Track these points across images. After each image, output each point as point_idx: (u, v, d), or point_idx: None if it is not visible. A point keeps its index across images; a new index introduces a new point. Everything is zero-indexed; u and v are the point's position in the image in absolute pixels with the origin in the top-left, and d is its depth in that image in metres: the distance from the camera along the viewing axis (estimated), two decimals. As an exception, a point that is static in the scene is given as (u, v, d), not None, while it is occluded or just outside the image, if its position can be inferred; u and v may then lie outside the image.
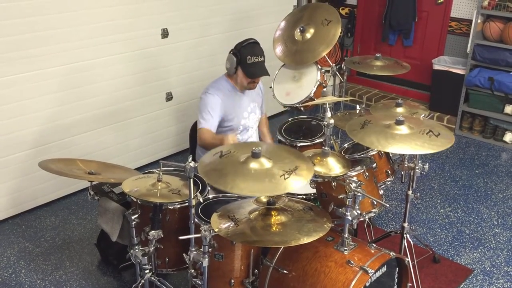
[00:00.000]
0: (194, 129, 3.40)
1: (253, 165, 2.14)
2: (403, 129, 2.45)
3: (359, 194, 2.29)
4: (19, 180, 3.64)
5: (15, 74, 3.40)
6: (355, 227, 3.08)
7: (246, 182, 2.08)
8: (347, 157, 2.72)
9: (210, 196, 2.73)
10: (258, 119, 3.34)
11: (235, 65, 3.04)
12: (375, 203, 2.62)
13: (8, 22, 3.27)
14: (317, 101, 3.16)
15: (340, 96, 3.76)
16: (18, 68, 3.40)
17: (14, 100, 3.44)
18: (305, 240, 2.14)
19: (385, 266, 2.38)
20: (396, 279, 2.54)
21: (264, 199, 2.32)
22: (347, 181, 2.34)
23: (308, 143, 3.34)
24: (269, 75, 3.14)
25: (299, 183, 2.10)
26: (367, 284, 2.24)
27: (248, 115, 3.23)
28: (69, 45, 3.60)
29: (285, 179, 2.08)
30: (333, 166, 2.45)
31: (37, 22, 3.40)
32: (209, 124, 3.06)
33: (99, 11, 3.69)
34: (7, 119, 3.45)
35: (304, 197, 2.80)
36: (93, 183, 2.75)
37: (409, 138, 2.41)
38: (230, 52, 3.07)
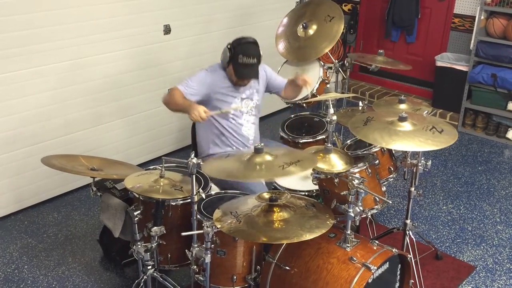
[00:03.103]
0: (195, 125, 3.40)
1: (257, 159, 2.19)
2: (406, 126, 2.45)
3: (362, 190, 2.29)
4: (22, 176, 3.65)
5: (17, 70, 3.39)
6: (357, 224, 3.09)
7: (243, 170, 2.16)
8: (349, 153, 2.72)
9: (213, 193, 2.73)
10: (256, 105, 3.20)
11: (227, 60, 2.98)
12: (378, 199, 2.61)
13: (9, 18, 3.26)
14: (319, 98, 3.16)
15: (342, 93, 3.76)
16: (20, 65, 3.39)
17: (16, 96, 3.44)
18: (308, 236, 2.14)
19: (388, 262, 2.38)
20: (399, 276, 2.54)
21: (266, 196, 2.32)
22: (350, 177, 2.34)
23: (311, 140, 3.35)
24: (257, 79, 3.06)
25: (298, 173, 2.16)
26: (370, 281, 2.24)
27: (240, 101, 3.12)
28: (71, 41, 3.59)
29: (283, 168, 2.13)
30: (336, 163, 2.45)
31: (38, 18, 3.39)
32: (185, 89, 2.98)
33: (101, 7, 3.68)
34: (9, 115, 3.45)
35: (306, 193, 2.80)
36: (96, 179, 2.75)
37: (413, 134, 2.41)
38: (226, 46, 3.01)
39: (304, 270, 2.35)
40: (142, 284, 2.60)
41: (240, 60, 2.93)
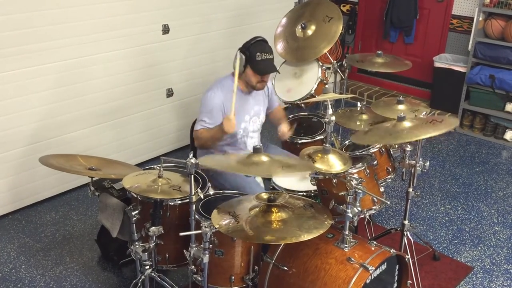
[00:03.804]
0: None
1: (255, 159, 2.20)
2: (406, 124, 2.46)
3: (360, 191, 2.29)
4: (20, 176, 3.64)
5: (15, 69, 3.39)
6: (355, 224, 3.09)
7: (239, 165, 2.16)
8: (348, 154, 2.72)
9: (211, 193, 2.73)
10: (261, 123, 3.26)
11: (244, 64, 2.94)
12: (376, 200, 2.62)
13: (7, 17, 3.26)
14: (318, 98, 3.16)
15: (341, 93, 3.76)
16: (18, 64, 3.39)
17: (14, 95, 3.44)
18: (306, 237, 2.15)
19: (386, 263, 2.38)
20: (396, 276, 2.54)
21: (264, 196, 2.32)
22: (348, 178, 2.34)
23: (309, 140, 3.35)
24: (279, 72, 3.08)
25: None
26: (368, 281, 2.25)
27: (249, 119, 3.14)
28: (70, 41, 3.59)
29: (282, 168, 2.15)
30: (334, 163, 2.45)
31: (36, 17, 3.38)
32: (205, 126, 2.98)
33: (99, 6, 3.68)
34: (8, 114, 3.44)
35: (304, 194, 2.80)
36: (94, 179, 2.75)
37: (414, 129, 2.43)
38: (238, 51, 2.97)
39: (302, 271, 2.35)
40: (140, 284, 2.60)
41: (259, 58, 2.94)
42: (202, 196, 2.61)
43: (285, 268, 2.38)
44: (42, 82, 3.54)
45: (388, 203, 2.64)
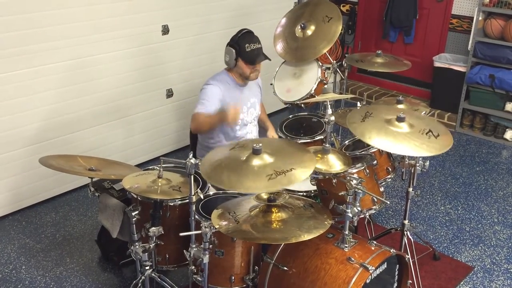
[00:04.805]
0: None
1: (254, 161, 2.16)
2: (403, 127, 2.43)
3: (360, 191, 2.29)
4: (20, 176, 3.64)
5: (16, 70, 3.39)
6: (355, 224, 3.09)
7: (229, 175, 2.12)
8: (347, 154, 2.72)
9: (211, 193, 2.73)
10: (258, 115, 3.32)
11: (235, 57, 3.03)
12: (376, 200, 2.62)
13: (9, 18, 3.26)
14: (317, 98, 3.15)
15: (340, 93, 3.75)
16: (19, 64, 3.39)
17: (15, 96, 3.44)
18: (306, 237, 2.15)
19: (386, 263, 2.38)
20: (397, 276, 2.54)
21: (264, 196, 2.32)
22: (348, 178, 2.34)
23: (309, 140, 3.35)
24: (270, 60, 3.13)
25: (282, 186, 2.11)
26: (368, 281, 2.24)
27: (247, 110, 3.21)
28: (70, 41, 3.59)
29: (268, 180, 2.07)
30: (334, 163, 2.45)
31: (37, 18, 3.39)
32: (205, 109, 2.99)
33: (99, 7, 3.68)
34: (8, 115, 3.45)
35: (304, 194, 2.80)
36: (94, 179, 2.75)
37: (409, 137, 2.38)
38: (227, 46, 3.06)
39: (302, 271, 2.35)
40: (140, 285, 2.60)
41: (248, 49, 3.02)
42: (202, 196, 2.61)
43: (285, 268, 2.38)
44: (43, 83, 3.54)
45: (388, 203, 2.64)
